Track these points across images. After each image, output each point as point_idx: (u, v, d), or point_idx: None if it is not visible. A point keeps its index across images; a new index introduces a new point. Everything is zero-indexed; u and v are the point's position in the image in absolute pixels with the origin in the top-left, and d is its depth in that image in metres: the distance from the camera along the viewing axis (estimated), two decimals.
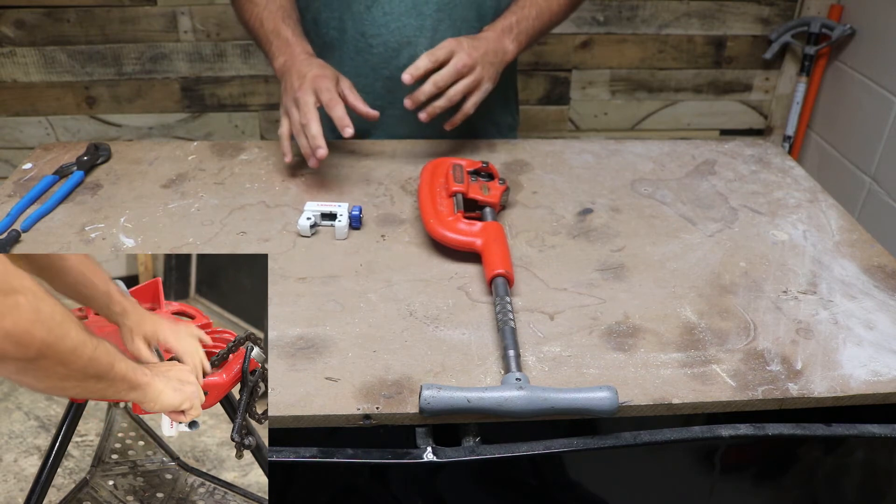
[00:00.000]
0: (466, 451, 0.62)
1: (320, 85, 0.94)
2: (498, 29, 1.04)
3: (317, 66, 0.98)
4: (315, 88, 0.94)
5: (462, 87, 0.98)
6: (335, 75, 0.98)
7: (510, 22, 1.05)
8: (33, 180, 0.99)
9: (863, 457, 0.70)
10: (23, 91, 1.94)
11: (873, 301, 0.80)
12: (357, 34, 1.10)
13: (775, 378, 0.68)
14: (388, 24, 1.08)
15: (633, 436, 0.63)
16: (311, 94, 0.93)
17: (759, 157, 1.12)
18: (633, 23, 1.99)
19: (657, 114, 2.13)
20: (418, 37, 1.09)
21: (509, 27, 1.05)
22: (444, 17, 1.08)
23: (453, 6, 1.08)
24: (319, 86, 0.94)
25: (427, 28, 1.08)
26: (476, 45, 0.99)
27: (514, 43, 1.05)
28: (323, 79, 0.95)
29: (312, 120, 0.91)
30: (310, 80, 0.94)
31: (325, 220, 0.90)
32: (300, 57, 1.00)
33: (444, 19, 1.09)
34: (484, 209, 0.91)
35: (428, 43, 1.09)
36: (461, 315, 0.76)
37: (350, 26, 1.10)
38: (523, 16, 1.07)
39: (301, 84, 0.94)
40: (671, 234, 0.91)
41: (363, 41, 1.10)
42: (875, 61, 1.81)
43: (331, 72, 0.98)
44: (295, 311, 0.76)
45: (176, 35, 1.90)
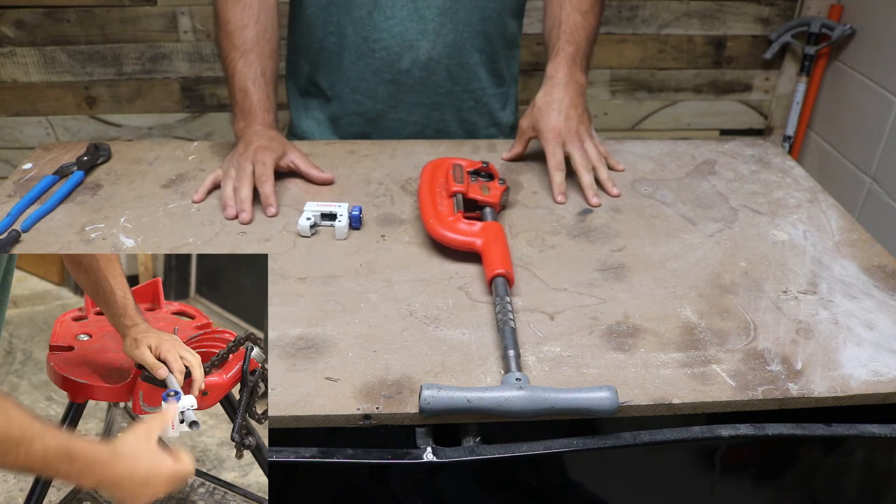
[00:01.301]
0: (466, 451, 0.62)
1: (259, 157, 0.96)
2: (564, 69, 1.05)
3: (266, 138, 1.00)
4: (253, 159, 0.96)
5: (593, 156, 1.01)
6: (282, 148, 1.00)
7: (570, 55, 1.06)
8: (33, 180, 0.99)
9: (863, 457, 0.70)
10: (23, 91, 1.94)
11: (873, 301, 0.80)
12: (359, 39, 1.10)
13: (775, 378, 0.68)
14: (391, 28, 1.08)
15: (633, 436, 0.63)
16: (249, 163, 0.96)
17: (760, 157, 1.12)
18: (633, 23, 1.99)
19: (657, 114, 2.13)
20: (420, 40, 1.09)
21: (572, 61, 1.06)
22: (446, 20, 1.09)
23: (455, 10, 1.09)
24: (258, 158, 0.96)
25: (429, 32, 1.09)
26: (566, 113, 1.02)
27: (582, 73, 1.08)
28: (264, 151, 0.97)
29: (245, 186, 0.94)
30: (252, 150, 0.97)
31: (325, 220, 0.90)
32: (256, 128, 1.02)
33: (447, 23, 1.09)
34: (484, 209, 0.91)
35: (430, 46, 1.09)
36: (461, 315, 0.76)
37: (351, 31, 1.10)
38: (578, 44, 1.07)
39: (244, 151, 0.98)
40: (671, 234, 0.91)
41: (365, 45, 1.10)
42: (875, 61, 1.81)
43: (277, 145, 1.00)
44: (295, 311, 0.76)
45: (176, 35, 1.90)
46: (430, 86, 1.13)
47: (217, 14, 1.08)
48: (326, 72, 1.15)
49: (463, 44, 1.12)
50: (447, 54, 1.11)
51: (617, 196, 0.99)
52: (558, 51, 1.06)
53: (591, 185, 0.98)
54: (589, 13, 1.10)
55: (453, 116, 1.18)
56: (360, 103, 1.15)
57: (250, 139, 1.00)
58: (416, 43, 1.09)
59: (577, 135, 1.02)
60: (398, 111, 1.16)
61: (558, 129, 1.01)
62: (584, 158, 1.00)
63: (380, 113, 1.15)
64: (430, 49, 1.09)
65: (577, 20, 1.08)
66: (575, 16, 1.08)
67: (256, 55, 1.05)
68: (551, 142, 1.01)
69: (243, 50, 1.04)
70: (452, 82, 1.14)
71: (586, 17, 1.09)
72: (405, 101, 1.14)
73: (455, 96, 1.16)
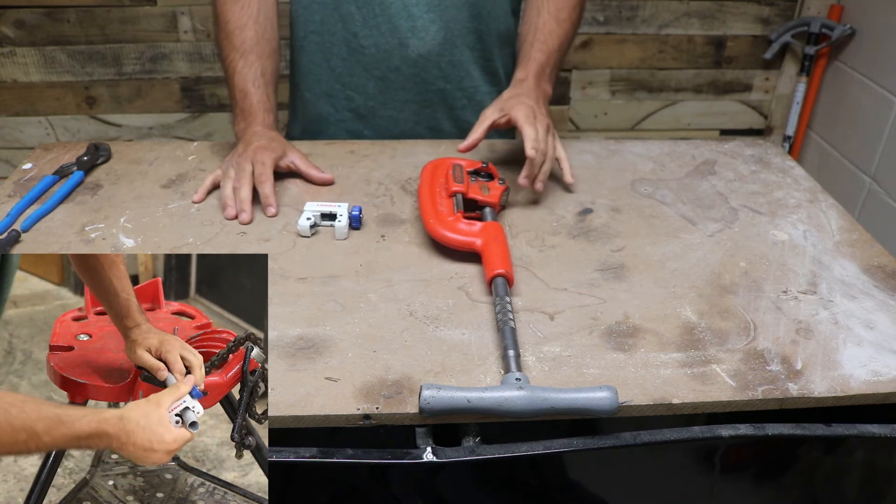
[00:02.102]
0: (466, 452, 0.62)
1: (258, 157, 0.96)
2: (533, 74, 1.05)
3: (266, 138, 1.00)
4: (253, 160, 0.96)
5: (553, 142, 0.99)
6: (282, 149, 1.00)
7: (540, 64, 1.06)
8: (33, 180, 0.99)
9: (863, 457, 0.70)
10: (23, 91, 1.94)
11: (873, 301, 0.80)
12: (349, 35, 1.10)
13: (775, 378, 0.68)
14: (380, 25, 1.08)
15: (633, 436, 0.63)
16: (249, 163, 0.96)
17: (760, 157, 1.12)
18: (633, 23, 1.99)
19: (657, 114, 2.13)
20: (410, 38, 1.09)
21: (541, 70, 1.06)
22: (435, 17, 1.09)
23: (444, 7, 1.08)
24: (257, 158, 0.96)
25: (418, 29, 1.08)
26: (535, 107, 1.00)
27: (549, 83, 1.08)
28: (264, 151, 0.97)
29: (244, 186, 0.94)
30: (252, 150, 0.97)
31: (324, 220, 0.91)
32: (256, 128, 1.02)
33: (436, 20, 1.09)
34: (484, 209, 0.91)
35: (420, 43, 1.09)
36: (461, 315, 0.76)
37: (340, 27, 1.10)
38: (549, 53, 1.08)
39: (244, 152, 0.97)
40: (671, 234, 0.91)
41: (355, 41, 1.10)
42: (875, 61, 1.81)
43: (277, 145, 1.00)
44: (295, 311, 0.76)
45: (176, 35, 1.90)
46: (420, 83, 1.13)
47: (216, 14, 1.08)
48: (309, 68, 1.15)
49: (454, 41, 1.11)
50: (437, 52, 1.11)
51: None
52: (530, 59, 1.07)
53: (546, 172, 0.95)
54: (565, 21, 1.10)
55: (445, 114, 1.18)
56: (352, 99, 1.15)
57: (250, 139, 1.00)
58: (406, 40, 1.09)
59: (545, 121, 0.98)
60: (388, 108, 1.16)
61: (532, 110, 0.98)
62: (545, 143, 0.95)
63: (370, 110, 1.15)
64: (419, 46, 1.09)
65: (552, 28, 1.09)
66: (551, 23, 1.09)
67: (256, 55, 1.05)
68: (527, 120, 0.96)
69: (243, 50, 1.04)
70: (444, 80, 1.14)
71: (562, 25, 1.10)
72: (395, 98, 1.14)
73: (447, 94, 1.16)
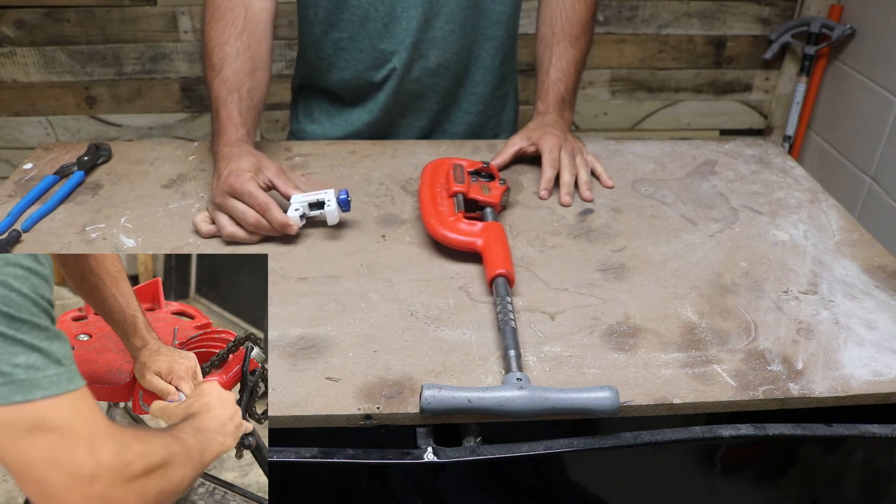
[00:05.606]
0: (467, 452, 0.62)
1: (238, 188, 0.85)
2: (554, 108, 1.10)
3: (235, 158, 0.89)
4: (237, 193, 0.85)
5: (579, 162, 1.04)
6: (254, 166, 0.88)
7: (559, 94, 1.11)
8: (34, 180, 0.99)
9: (863, 457, 0.70)
10: (23, 91, 1.94)
11: (874, 301, 0.80)
12: (376, 52, 1.10)
13: (776, 378, 0.68)
14: (404, 39, 1.08)
15: (634, 436, 0.63)
16: (232, 200, 0.85)
17: (760, 158, 1.12)
18: (633, 23, 1.99)
19: (657, 114, 2.13)
20: (430, 49, 1.09)
21: (561, 100, 1.11)
22: (454, 27, 1.09)
23: (463, 17, 1.09)
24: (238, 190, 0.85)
25: (438, 39, 1.09)
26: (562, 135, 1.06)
27: (570, 111, 1.14)
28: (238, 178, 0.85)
29: (271, 205, 0.84)
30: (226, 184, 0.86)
31: (313, 209, 0.88)
32: (223, 150, 0.92)
33: (455, 30, 1.09)
34: (484, 209, 0.91)
35: (439, 53, 1.09)
36: (462, 315, 0.76)
37: (367, 44, 1.09)
38: (567, 81, 1.11)
39: (217, 186, 0.88)
40: (672, 235, 0.91)
41: (381, 57, 1.10)
42: (875, 61, 1.81)
43: (248, 164, 0.88)
44: (295, 311, 0.76)
45: (176, 35, 1.90)
46: (438, 91, 1.14)
47: (201, 33, 1.02)
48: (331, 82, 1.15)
49: (470, 48, 1.12)
50: (455, 60, 1.12)
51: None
52: (548, 91, 1.11)
53: (568, 184, 1.00)
54: (580, 38, 1.12)
55: (460, 119, 1.18)
56: (372, 112, 1.15)
57: (220, 167, 0.90)
58: (427, 52, 1.09)
59: (571, 146, 1.05)
60: (406, 117, 1.16)
61: (558, 140, 1.04)
62: (572, 162, 1.02)
63: (391, 121, 1.16)
64: (439, 56, 1.10)
65: (567, 51, 1.11)
66: (565, 43, 1.11)
67: (232, 71, 0.97)
68: (550, 145, 1.03)
69: (219, 68, 0.97)
70: (459, 85, 1.15)
71: (576, 44, 1.12)
72: (413, 107, 1.15)
73: (462, 99, 1.17)
